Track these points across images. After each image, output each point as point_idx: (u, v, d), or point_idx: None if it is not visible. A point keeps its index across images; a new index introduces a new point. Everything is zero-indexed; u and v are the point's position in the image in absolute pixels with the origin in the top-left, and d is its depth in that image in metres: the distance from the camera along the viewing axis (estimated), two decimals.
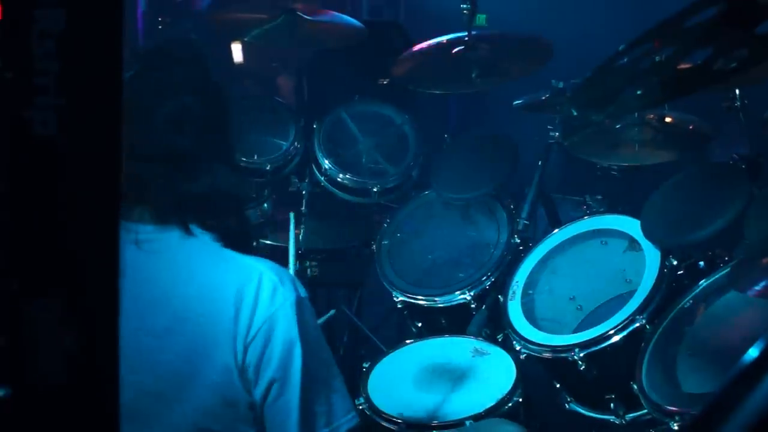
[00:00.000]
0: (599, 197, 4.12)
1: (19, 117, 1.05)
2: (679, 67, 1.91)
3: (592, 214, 3.75)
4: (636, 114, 3.63)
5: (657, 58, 1.94)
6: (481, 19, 5.20)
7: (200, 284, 1.97)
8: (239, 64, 5.66)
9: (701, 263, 3.37)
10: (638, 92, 1.90)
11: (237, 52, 5.62)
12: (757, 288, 2.54)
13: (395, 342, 3.68)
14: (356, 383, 3.32)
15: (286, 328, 1.96)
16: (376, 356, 3.52)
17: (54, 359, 1.13)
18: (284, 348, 1.96)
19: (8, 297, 1.12)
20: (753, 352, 0.85)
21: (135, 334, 1.92)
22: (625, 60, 1.92)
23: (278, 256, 3.13)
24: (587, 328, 3.36)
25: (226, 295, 1.95)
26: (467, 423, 3.07)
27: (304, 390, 1.98)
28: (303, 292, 2.02)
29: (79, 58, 1.06)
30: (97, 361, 1.18)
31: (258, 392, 1.97)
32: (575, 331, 3.46)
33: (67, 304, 1.12)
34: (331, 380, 2.06)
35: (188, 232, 1.99)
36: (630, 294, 3.35)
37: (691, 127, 3.77)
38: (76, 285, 1.13)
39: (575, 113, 1.97)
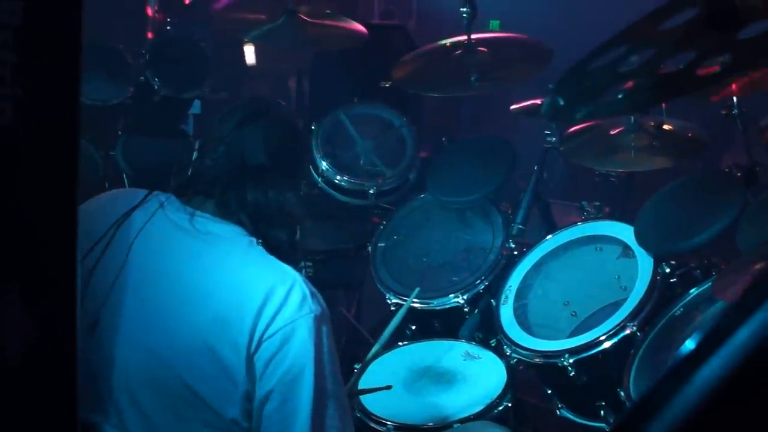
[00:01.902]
0: (597, 203, 4.11)
1: None
2: (660, 71, 1.91)
3: (586, 219, 3.73)
4: (632, 120, 3.63)
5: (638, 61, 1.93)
6: (494, 25, 5.19)
7: (236, 271, 2.11)
8: (251, 66, 5.67)
9: (696, 271, 3.36)
10: (619, 96, 1.89)
11: (249, 53, 5.63)
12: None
13: (393, 344, 3.68)
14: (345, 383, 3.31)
15: (305, 338, 2.07)
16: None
17: (12, 346, 1.13)
18: (299, 354, 2.06)
19: None
20: (689, 344, 0.84)
21: (160, 297, 2.10)
22: (609, 59, 1.90)
23: None
24: (581, 335, 3.35)
25: (258, 287, 2.07)
26: (455, 426, 3.07)
27: (315, 401, 2.07)
28: (327, 311, 2.15)
29: (36, 51, 1.07)
30: (55, 348, 1.19)
31: (263, 388, 2.06)
32: (569, 337, 3.44)
33: (25, 292, 1.13)
34: (342, 398, 2.17)
35: (241, 231, 2.17)
36: (625, 301, 3.34)
37: (690, 135, 3.75)
38: (34, 273, 1.14)
39: (562, 103, 1.95)
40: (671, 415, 0.80)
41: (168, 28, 5.19)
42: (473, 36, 4.09)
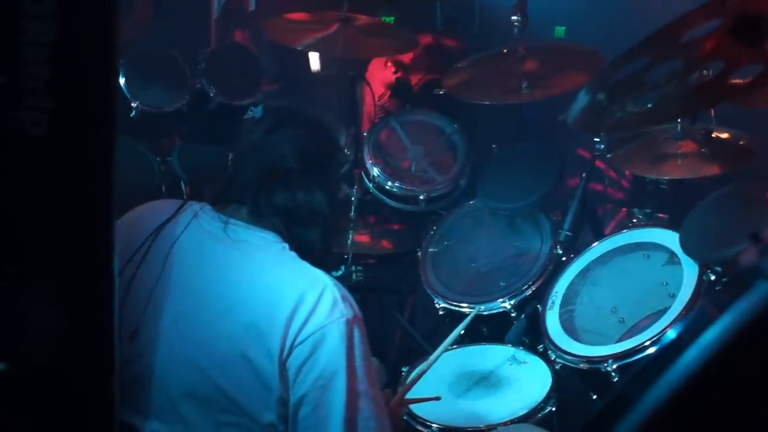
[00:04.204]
0: (648, 210, 4.10)
1: (9, 117, 1.14)
2: (690, 81, 1.93)
3: (633, 226, 3.74)
4: (678, 127, 3.62)
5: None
6: (560, 31, 5.19)
7: (267, 279, 2.14)
8: (316, 72, 5.71)
9: None
10: (648, 105, 1.91)
11: (314, 60, 5.66)
12: None
13: None
14: (394, 387, 3.35)
15: (336, 342, 2.09)
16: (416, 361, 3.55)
17: (45, 339, 1.21)
18: (330, 359, 2.09)
19: (3, 281, 1.22)
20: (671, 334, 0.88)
21: (196, 307, 2.14)
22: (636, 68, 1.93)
23: None
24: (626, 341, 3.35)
25: (289, 294, 2.10)
26: (498, 428, 3.10)
27: (348, 404, 2.09)
28: (360, 314, 2.16)
29: (70, 65, 1.15)
30: (87, 343, 1.27)
31: (296, 393, 2.10)
32: (617, 343, 3.45)
33: (57, 290, 1.21)
34: (377, 399, 2.17)
35: (274, 237, 2.21)
36: None
37: (741, 143, 3.72)
38: (66, 273, 1.22)
39: (601, 98, 1.97)
40: (637, 416, 0.83)
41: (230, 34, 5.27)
42: (527, 44, 4.11)
